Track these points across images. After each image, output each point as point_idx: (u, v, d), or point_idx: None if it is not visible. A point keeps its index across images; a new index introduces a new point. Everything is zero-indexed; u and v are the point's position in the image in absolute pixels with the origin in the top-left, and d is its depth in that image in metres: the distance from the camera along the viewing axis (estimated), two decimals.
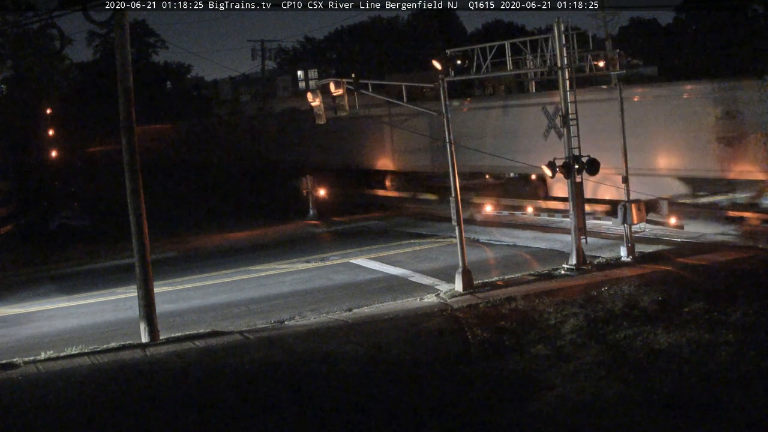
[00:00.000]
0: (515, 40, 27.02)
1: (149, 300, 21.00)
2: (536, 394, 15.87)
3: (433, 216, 36.65)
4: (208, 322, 22.43)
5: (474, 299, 22.55)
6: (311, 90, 25.47)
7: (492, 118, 37.20)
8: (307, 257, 30.66)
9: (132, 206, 20.99)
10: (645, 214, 26.21)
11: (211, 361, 18.89)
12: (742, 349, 16.82)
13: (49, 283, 30.13)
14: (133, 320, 21.76)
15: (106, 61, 69.03)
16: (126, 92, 20.87)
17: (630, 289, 21.67)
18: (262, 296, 25.36)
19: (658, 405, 14.90)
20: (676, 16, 76.99)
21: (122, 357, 19.54)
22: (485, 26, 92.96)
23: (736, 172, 29.20)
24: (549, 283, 23.71)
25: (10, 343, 22.10)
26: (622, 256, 25.54)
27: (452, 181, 24.19)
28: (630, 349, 17.65)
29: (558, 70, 25.18)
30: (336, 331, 20.54)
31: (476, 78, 33.73)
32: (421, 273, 26.61)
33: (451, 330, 20.10)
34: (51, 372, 18.69)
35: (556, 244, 29.30)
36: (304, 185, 41.40)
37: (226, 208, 45.65)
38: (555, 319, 19.98)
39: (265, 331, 21.19)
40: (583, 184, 25.48)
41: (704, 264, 24.14)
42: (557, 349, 18.05)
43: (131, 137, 20.98)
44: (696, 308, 19.58)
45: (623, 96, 25.81)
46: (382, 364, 18.12)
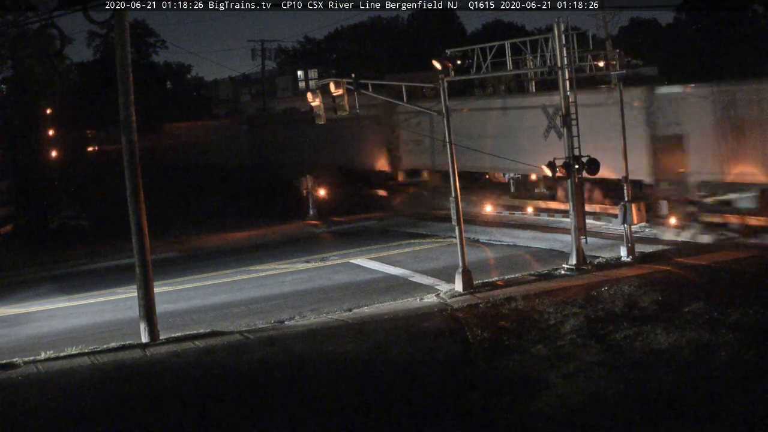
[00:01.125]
0: (515, 40, 27.00)
1: (149, 300, 21.00)
2: (536, 394, 15.86)
3: (433, 216, 36.66)
4: (208, 322, 22.42)
5: (474, 299, 22.55)
6: (311, 90, 25.49)
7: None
8: (307, 257, 30.66)
9: (132, 206, 20.99)
10: (645, 214, 26.23)
11: (211, 361, 18.88)
12: (742, 349, 16.83)
13: (49, 283, 30.13)
14: (133, 320, 21.76)
15: (106, 61, 68.96)
16: (126, 92, 20.87)
17: (630, 289, 21.66)
18: (262, 296, 25.36)
19: (658, 405, 14.90)
20: (676, 16, 77.13)
21: (122, 357, 19.53)
22: (485, 26, 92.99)
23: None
24: (549, 283, 23.70)
25: (10, 343, 22.09)
26: (622, 256, 25.54)
27: (452, 181, 24.18)
28: (630, 349, 17.66)
29: (558, 70, 25.18)
30: (336, 331, 20.54)
31: (476, 78, 33.70)
32: (421, 273, 26.61)
33: (451, 330, 20.09)
34: (51, 372, 18.69)
35: (556, 244, 29.31)
36: (304, 185, 41.39)
37: (226, 208, 45.64)
38: (555, 319, 19.98)
39: (265, 331, 21.19)
40: (582, 184, 25.53)
41: (704, 264, 24.14)
42: (557, 349, 18.05)
43: (131, 137, 20.98)
44: (696, 308, 19.58)
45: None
46: (382, 364, 18.11)
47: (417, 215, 38.85)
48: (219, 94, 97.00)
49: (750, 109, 26.90)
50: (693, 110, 28.51)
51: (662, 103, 29.45)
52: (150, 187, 23.70)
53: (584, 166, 24.87)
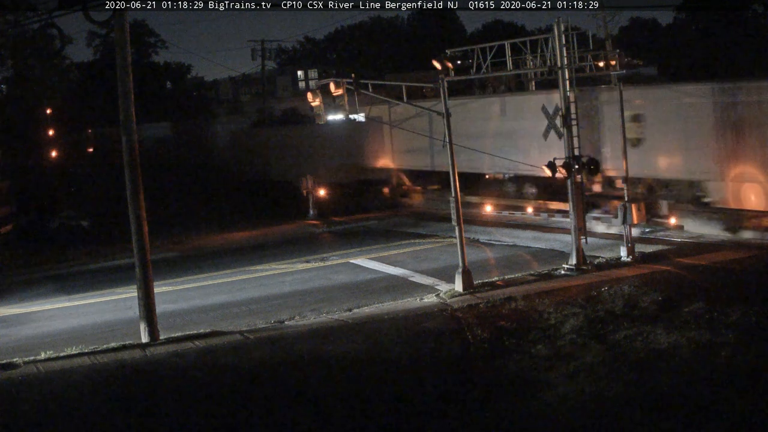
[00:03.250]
0: (515, 40, 27.01)
1: (149, 300, 20.99)
2: (536, 394, 15.87)
3: (434, 216, 36.66)
4: (208, 322, 22.42)
5: (474, 299, 22.55)
6: (311, 90, 25.59)
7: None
8: (307, 257, 30.66)
9: (132, 206, 20.98)
10: (645, 213, 26.23)
11: (211, 361, 18.89)
12: (742, 349, 16.83)
13: (49, 283, 30.11)
14: (133, 320, 21.76)
15: (106, 61, 68.96)
16: (126, 92, 20.87)
17: (630, 289, 21.66)
18: (262, 296, 25.36)
19: (658, 405, 14.90)
20: (676, 16, 77.17)
21: (122, 357, 19.53)
22: (485, 26, 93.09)
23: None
24: (549, 283, 23.71)
25: (10, 343, 22.09)
26: (622, 256, 25.53)
27: (452, 181, 24.19)
28: (630, 349, 17.65)
29: (558, 70, 25.19)
30: (336, 331, 20.54)
31: (476, 78, 33.69)
32: (421, 273, 26.60)
33: (451, 330, 20.09)
34: (51, 372, 18.68)
35: (556, 244, 29.30)
36: (304, 185, 41.39)
37: (227, 208, 45.61)
38: (555, 319, 19.98)
39: (265, 331, 21.19)
40: (582, 184, 25.54)
41: (704, 264, 24.14)
42: (557, 349, 18.05)
43: (131, 137, 20.98)
44: (696, 308, 19.57)
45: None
46: (382, 364, 18.12)
47: (417, 215, 38.86)
48: (219, 94, 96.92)
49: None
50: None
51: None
52: (150, 187, 23.72)
53: (584, 166, 24.93)
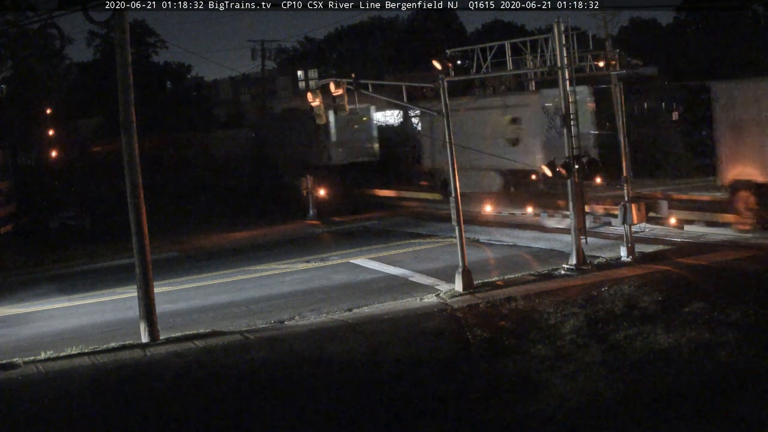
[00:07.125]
0: (515, 40, 27.01)
1: (149, 300, 20.99)
2: (536, 394, 15.87)
3: (433, 216, 36.65)
4: (208, 322, 22.42)
5: (474, 299, 22.55)
6: (311, 90, 25.57)
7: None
8: (307, 257, 30.65)
9: (132, 206, 20.99)
10: (645, 213, 26.23)
11: (211, 361, 18.88)
12: (742, 349, 16.83)
13: (49, 283, 30.11)
14: (133, 320, 21.75)
15: (106, 61, 68.89)
16: (126, 92, 20.87)
17: (630, 289, 21.66)
18: (262, 296, 25.36)
19: (658, 405, 14.91)
20: (676, 16, 77.22)
21: (122, 357, 19.53)
22: (485, 26, 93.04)
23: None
24: (549, 283, 23.70)
25: (10, 343, 22.08)
26: (622, 256, 25.53)
27: (452, 180, 24.19)
28: (630, 349, 17.66)
29: (558, 70, 25.19)
30: (336, 331, 20.54)
31: (476, 78, 33.73)
32: (421, 273, 26.60)
33: (451, 330, 20.10)
34: (51, 372, 18.67)
35: (556, 244, 29.29)
36: (304, 185, 41.36)
37: (227, 208, 45.63)
38: (555, 319, 19.98)
39: (265, 331, 21.18)
40: (582, 183, 25.53)
41: (704, 264, 24.13)
42: (557, 349, 18.05)
43: (131, 137, 20.98)
44: (696, 308, 19.58)
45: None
46: (382, 364, 18.12)
47: (417, 215, 38.86)
48: (219, 94, 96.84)
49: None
50: None
51: None
52: (150, 187, 23.73)
53: (584, 166, 24.93)
